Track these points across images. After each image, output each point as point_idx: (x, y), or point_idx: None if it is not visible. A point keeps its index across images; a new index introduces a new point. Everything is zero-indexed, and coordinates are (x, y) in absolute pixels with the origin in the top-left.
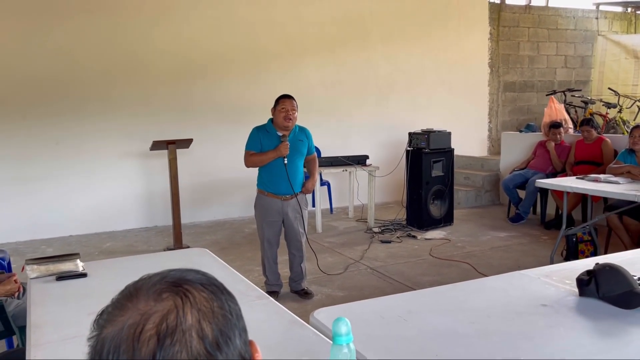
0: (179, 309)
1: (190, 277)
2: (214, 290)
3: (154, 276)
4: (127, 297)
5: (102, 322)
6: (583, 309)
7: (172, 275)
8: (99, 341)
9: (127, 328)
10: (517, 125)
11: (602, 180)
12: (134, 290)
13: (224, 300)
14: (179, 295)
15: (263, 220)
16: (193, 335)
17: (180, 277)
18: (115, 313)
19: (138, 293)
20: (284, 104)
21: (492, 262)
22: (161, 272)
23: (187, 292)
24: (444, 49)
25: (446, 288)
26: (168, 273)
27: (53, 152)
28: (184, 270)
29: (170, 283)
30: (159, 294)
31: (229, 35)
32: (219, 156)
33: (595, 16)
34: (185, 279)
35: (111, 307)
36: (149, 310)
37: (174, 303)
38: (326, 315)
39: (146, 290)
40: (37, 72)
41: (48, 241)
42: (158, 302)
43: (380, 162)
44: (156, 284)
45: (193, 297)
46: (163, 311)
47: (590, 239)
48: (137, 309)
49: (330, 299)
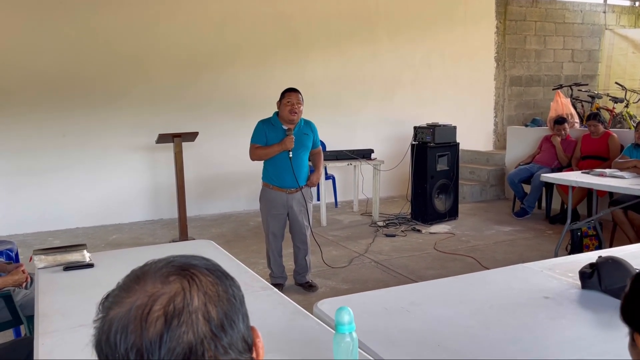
0: (186, 292)
1: (195, 263)
2: (219, 275)
3: (159, 261)
4: (134, 279)
5: (108, 305)
6: (585, 302)
7: (178, 260)
8: (105, 322)
9: (135, 309)
10: (523, 119)
11: (607, 175)
12: (140, 273)
13: (228, 285)
14: (185, 279)
15: (268, 213)
16: (199, 317)
17: (186, 262)
18: (122, 295)
19: (145, 276)
20: (290, 97)
21: (496, 257)
22: (166, 257)
23: (194, 276)
24: (450, 43)
25: (449, 280)
26: (174, 258)
27: (60, 145)
28: (189, 257)
29: (177, 267)
30: (166, 277)
31: (234, 28)
32: (225, 149)
33: (603, 10)
34: (191, 263)
35: (117, 290)
36: (156, 292)
37: (181, 286)
38: (329, 305)
39: (153, 274)
40: (45, 65)
41: (55, 233)
42: (165, 285)
43: (385, 156)
44: (163, 267)
45: (199, 281)
46: (170, 293)
47: (595, 234)
48: (144, 290)
49: (335, 292)
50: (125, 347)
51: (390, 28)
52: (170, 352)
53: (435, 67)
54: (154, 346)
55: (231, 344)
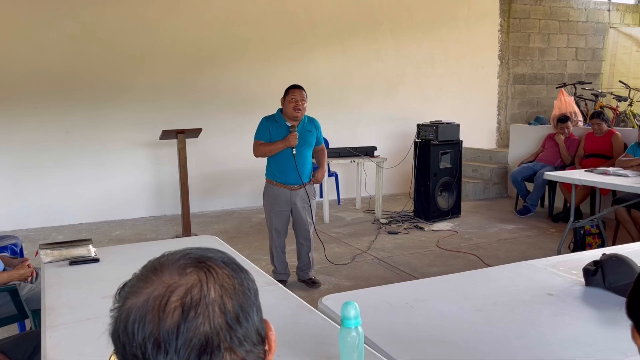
0: (203, 284)
1: (211, 255)
2: (234, 268)
3: (176, 253)
4: (151, 270)
5: (125, 294)
6: (589, 299)
7: (194, 252)
8: (123, 311)
9: (152, 299)
10: (526, 117)
11: (610, 173)
12: (158, 264)
13: (243, 278)
14: (202, 271)
15: (271, 209)
16: (215, 309)
17: (203, 254)
18: (140, 285)
19: (162, 267)
20: (294, 94)
21: (499, 254)
22: (183, 249)
23: (210, 269)
24: (453, 41)
25: (452, 277)
26: (190, 250)
27: (63, 141)
28: (204, 249)
29: (194, 259)
30: (183, 269)
31: (238, 25)
32: (228, 146)
33: (607, 8)
34: (207, 256)
35: (135, 280)
36: (173, 283)
37: (198, 277)
38: (334, 301)
39: (170, 265)
40: (48, 61)
41: (58, 229)
42: (182, 276)
43: (388, 153)
44: (180, 259)
45: (216, 273)
46: (187, 285)
47: (598, 232)
48: (162, 281)
49: (337, 289)
50: (142, 336)
51: (393, 25)
52: (187, 343)
53: (439, 65)
54: (171, 336)
55: (246, 336)
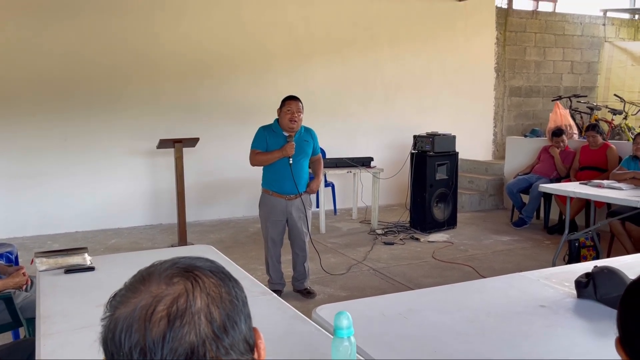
0: (189, 293)
1: (200, 264)
2: (222, 277)
3: (165, 262)
4: (139, 280)
5: (115, 304)
6: (581, 311)
7: (182, 262)
8: (112, 321)
9: (139, 309)
10: (522, 130)
11: (605, 186)
12: (146, 274)
13: (231, 286)
14: (189, 280)
15: (267, 219)
16: (202, 318)
17: (191, 263)
18: (128, 295)
19: (150, 277)
20: (290, 105)
21: (494, 266)
22: (172, 258)
23: (197, 278)
24: (450, 53)
25: (446, 288)
26: (179, 260)
27: (61, 149)
28: (193, 258)
29: (181, 269)
30: (170, 278)
31: (236, 35)
32: (225, 155)
33: (602, 23)
34: (195, 265)
35: (124, 290)
36: (160, 293)
37: (185, 287)
38: (328, 311)
39: (158, 275)
40: (47, 69)
41: (54, 237)
42: (169, 286)
43: (385, 164)
44: (168, 269)
45: (202, 283)
46: (174, 294)
47: (593, 245)
48: (149, 291)
49: (333, 299)
50: (129, 345)
51: (391, 37)
52: (173, 352)
53: (436, 77)
54: (157, 346)
55: (233, 345)
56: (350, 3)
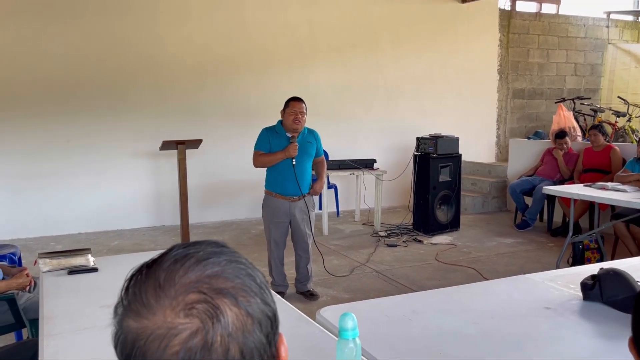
0: (209, 331)
1: (229, 286)
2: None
3: (183, 264)
4: (152, 294)
5: (123, 312)
6: (586, 313)
7: (208, 274)
8: (122, 332)
9: (153, 338)
10: (525, 132)
11: (609, 188)
12: (163, 281)
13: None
14: (209, 315)
15: (270, 221)
16: (219, 353)
17: (217, 287)
18: (139, 308)
19: (166, 292)
20: (294, 107)
21: (497, 268)
22: (196, 256)
23: (220, 313)
24: (453, 55)
25: (451, 290)
26: (203, 268)
27: (64, 150)
28: (222, 261)
29: (204, 292)
30: (190, 307)
31: (240, 37)
32: (228, 157)
33: (606, 25)
34: (221, 288)
35: (134, 295)
36: (177, 325)
37: (204, 324)
38: (332, 313)
39: (175, 293)
40: (50, 70)
41: (57, 238)
42: (187, 317)
43: (387, 166)
44: (190, 285)
45: (225, 319)
46: (192, 328)
47: (597, 247)
48: (163, 316)
49: (336, 301)
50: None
51: (393, 39)
52: None
53: (439, 79)
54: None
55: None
56: (352, 5)
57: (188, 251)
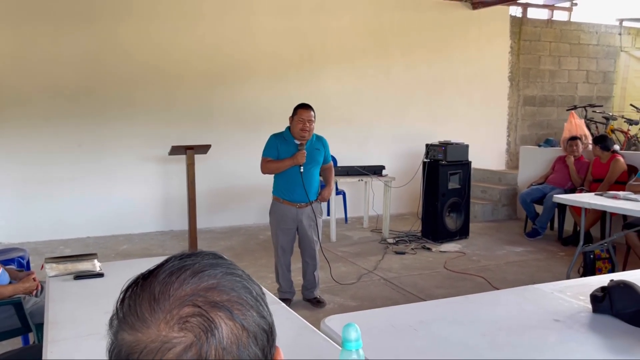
0: (203, 345)
1: (224, 299)
2: (249, 322)
3: (179, 276)
4: (147, 308)
5: (118, 324)
6: (596, 326)
7: (202, 290)
8: (116, 346)
9: (146, 352)
10: (536, 139)
11: (621, 197)
12: (158, 294)
13: (252, 337)
14: (204, 330)
15: (277, 227)
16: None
17: (213, 300)
18: (134, 321)
19: (160, 305)
20: (302, 114)
21: (507, 277)
22: (192, 269)
23: (214, 327)
24: (464, 61)
25: (458, 299)
26: (199, 280)
27: (75, 155)
28: (218, 274)
29: (199, 305)
30: (185, 321)
31: (250, 43)
32: (237, 162)
33: (618, 32)
34: (216, 301)
35: (127, 308)
36: (171, 339)
37: (198, 338)
38: (337, 322)
39: (170, 306)
40: (61, 75)
41: (66, 242)
42: (181, 331)
43: (397, 172)
44: (185, 298)
45: (220, 333)
46: (186, 342)
47: (608, 257)
48: (157, 329)
49: (343, 309)
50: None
51: (404, 45)
52: None
53: (449, 85)
54: None
55: None
56: (363, 11)
57: (184, 263)
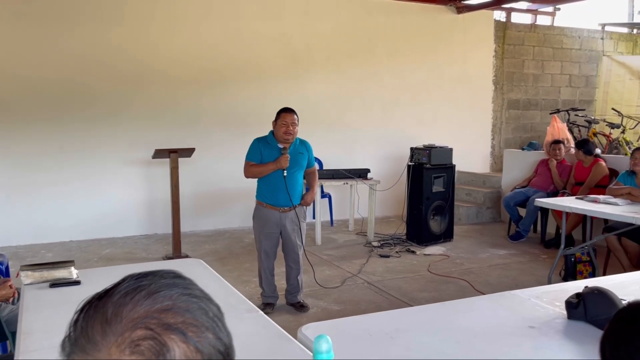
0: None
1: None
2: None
3: (132, 298)
4: (98, 330)
5: (70, 349)
6: (570, 332)
7: (157, 308)
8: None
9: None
10: (520, 142)
11: (601, 201)
12: (110, 316)
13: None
14: (155, 353)
15: (261, 231)
16: None
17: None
18: (85, 344)
19: (112, 328)
20: (285, 118)
21: (490, 280)
22: (148, 289)
23: (166, 349)
24: (449, 65)
25: (436, 306)
26: (153, 302)
27: (57, 157)
28: (174, 294)
29: (152, 328)
30: (136, 345)
31: (235, 46)
32: (222, 165)
33: (601, 37)
34: (170, 323)
35: (80, 331)
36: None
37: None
38: (314, 330)
39: (122, 329)
40: (43, 77)
41: (48, 246)
42: (133, 354)
43: (383, 175)
44: (137, 322)
45: (172, 356)
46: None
47: (589, 260)
48: (109, 353)
49: (326, 313)
50: None
51: (390, 49)
52: None
53: (434, 89)
54: None
55: None
56: (348, 15)
57: (140, 283)
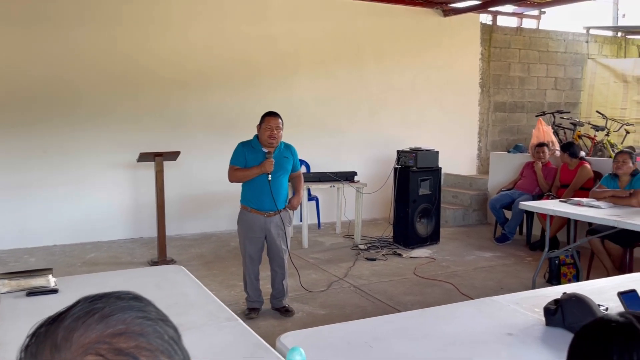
0: None
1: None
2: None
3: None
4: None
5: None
6: (548, 339)
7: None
8: None
9: None
10: (506, 145)
11: (584, 204)
12: (60, 341)
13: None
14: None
15: (245, 236)
16: None
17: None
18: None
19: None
20: (270, 122)
21: (475, 283)
22: (101, 312)
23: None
24: (436, 68)
25: (416, 313)
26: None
27: (41, 161)
28: (127, 318)
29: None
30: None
31: (222, 49)
32: (208, 169)
33: (586, 40)
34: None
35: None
36: None
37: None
38: (292, 339)
39: (71, 355)
40: (27, 80)
41: (31, 250)
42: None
43: (369, 178)
44: (88, 348)
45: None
46: None
47: (573, 262)
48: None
49: (311, 317)
50: None
51: (377, 51)
52: None
53: (421, 91)
54: None
55: None
56: (336, 18)
57: (93, 306)
